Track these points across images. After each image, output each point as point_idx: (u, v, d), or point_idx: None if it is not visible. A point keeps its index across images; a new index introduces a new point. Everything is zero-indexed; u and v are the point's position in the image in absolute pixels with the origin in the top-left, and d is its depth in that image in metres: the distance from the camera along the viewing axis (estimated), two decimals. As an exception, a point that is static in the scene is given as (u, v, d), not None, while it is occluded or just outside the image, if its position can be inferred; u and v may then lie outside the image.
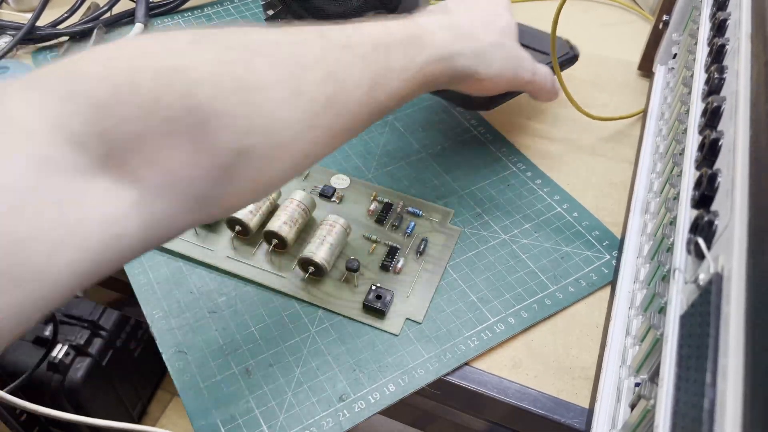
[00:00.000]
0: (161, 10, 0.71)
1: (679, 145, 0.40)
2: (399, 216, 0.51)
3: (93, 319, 1.10)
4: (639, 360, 0.35)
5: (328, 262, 0.46)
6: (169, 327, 0.45)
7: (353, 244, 0.49)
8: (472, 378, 0.43)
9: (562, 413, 0.41)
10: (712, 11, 0.41)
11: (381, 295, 0.45)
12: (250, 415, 0.41)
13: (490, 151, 0.57)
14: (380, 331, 0.44)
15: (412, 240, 0.49)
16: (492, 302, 0.46)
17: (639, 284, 0.42)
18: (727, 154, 0.29)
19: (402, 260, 0.48)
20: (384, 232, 0.50)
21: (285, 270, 0.47)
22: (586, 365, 0.43)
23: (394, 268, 0.47)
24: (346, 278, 0.47)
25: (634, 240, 0.46)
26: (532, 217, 0.52)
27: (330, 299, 0.46)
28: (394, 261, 0.48)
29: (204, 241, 0.49)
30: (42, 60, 0.65)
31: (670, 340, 0.28)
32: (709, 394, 0.21)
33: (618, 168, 0.57)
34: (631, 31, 0.71)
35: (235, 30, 0.31)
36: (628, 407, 0.34)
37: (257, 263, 0.48)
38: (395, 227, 0.50)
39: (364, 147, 0.57)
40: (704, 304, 0.24)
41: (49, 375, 1.04)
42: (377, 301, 0.45)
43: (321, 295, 0.46)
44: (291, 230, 0.47)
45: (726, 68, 0.35)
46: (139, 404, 1.23)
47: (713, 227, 0.27)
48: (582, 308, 0.47)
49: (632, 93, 0.64)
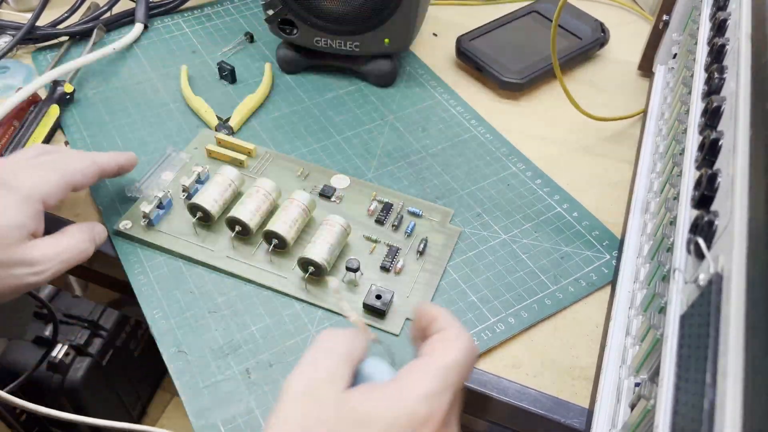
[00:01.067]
0: (161, 10, 0.71)
1: (679, 145, 0.40)
2: (399, 216, 0.51)
3: (93, 319, 1.10)
4: (639, 360, 0.35)
5: (327, 262, 0.46)
6: (169, 327, 0.45)
7: (353, 244, 0.49)
8: (472, 378, 0.43)
9: (562, 413, 0.41)
10: (712, 11, 0.41)
11: (381, 295, 0.45)
12: (250, 415, 0.41)
13: (490, 151, 0.57)
14: (381, 331, 0.44)
15: (412, 240, 0.49)
16: (492, 302, 0.46)
17: (639, 284, 0.42)
18: (727, 154, 0.29)
19: (402, 260, 0.48)
20: (384, 232, 0.50)
21: (285, 270, 0.47)
22: (586, 365, 0.43)
23: (395, 269, 0.47)
24: (346, 278, 0.47)
25: (634, 240, 0.46)
26: (532, 217, 0.52)
27: (330, 299, 0.46)
28: (395, 261, 0.48)
29: (204, 240, 0.49)
30: (42, 60, 0.65)
31: (670, 340, 0.28)
32: (709, 394, 0.21)
33: (618, 168, 0.57)
34: (631, 31, 0.71)
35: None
36: (628, 407, 0.34)
37: (257, 263, 0.48)
38: (395, 227, 0.50)
39: (364, 147, 0.57)
40: (704, 304, 0.24)
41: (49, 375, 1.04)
42: (377, 300, 0.45)
43: (321, 295, 0.46)
44: (291, 230, 0.47)
45: (726, 68, 0.35)
46: (139, 404, 1.22)
47: (713, 227, 0.27)
48: (582, 308, 0.47)
49: (632, 93, 0.64)
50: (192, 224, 0.49)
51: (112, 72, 0.64)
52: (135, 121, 0.59)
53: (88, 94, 0.62)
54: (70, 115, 0.60)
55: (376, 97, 0.63)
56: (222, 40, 0.68)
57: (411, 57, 0.68)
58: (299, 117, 0.60)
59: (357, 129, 0.59)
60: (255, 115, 0.60)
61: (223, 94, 0.62)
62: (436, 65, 0.67)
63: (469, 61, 0.65)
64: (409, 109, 0.62)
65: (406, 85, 0.64)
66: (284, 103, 0.62)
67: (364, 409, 0.30)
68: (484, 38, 0.66)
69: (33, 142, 0.55)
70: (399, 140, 0.58)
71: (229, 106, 0.61)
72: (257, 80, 0.64)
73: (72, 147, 0.57)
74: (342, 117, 0.60)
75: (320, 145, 0.58)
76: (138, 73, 0.64)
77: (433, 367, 0.31)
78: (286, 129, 0.59)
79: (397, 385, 0.31)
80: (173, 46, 0.68)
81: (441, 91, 0.63)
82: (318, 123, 0.60)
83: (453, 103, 0.62)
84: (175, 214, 0.50)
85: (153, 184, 0.52)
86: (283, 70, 0.65)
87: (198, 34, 0.69)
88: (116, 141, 0.57)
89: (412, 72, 0.66)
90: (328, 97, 0.63)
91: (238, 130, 0.59)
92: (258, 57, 0.67)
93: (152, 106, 0.61)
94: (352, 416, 0.29)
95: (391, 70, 0.63)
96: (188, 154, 0.55)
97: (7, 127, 0.56)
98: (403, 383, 0.31)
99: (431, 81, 0.65)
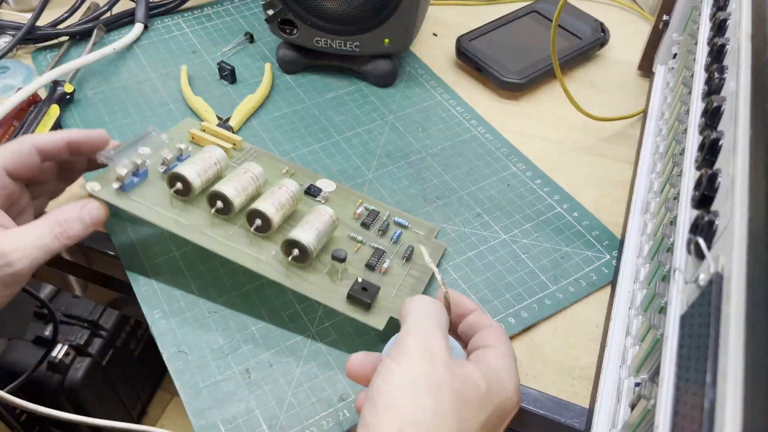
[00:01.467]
0: (161, 10, 0.71)
1: (679, 145, 0.40)
2: (386, 223, 0.49)
3: (93, 319, 1.10)
4: (639, 360, 0.35)
5: (314, 248, 0.43)
6: (169, 327, 0.45)
7: (338, 241, 0.47)
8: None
9: (562, 413, 0.41)
10: (712, 11, 0.41)
11: (367, 288, 0.43)
12: (250, 415, 0.41)
13: (490, 151, 0.57)
14: (381, 331, 0.44)
15: (398, 247, 0.48)
16: (492, 302, 0.46)
17: (639, 284, 0.42)
18: (727, 154, 0.29)
19: (388, 261, 0.46)
20: (370, 235, 0.48)
21: (264, 252, 0.44)
22: (586, 365, 0.43)
23: (380, 268, 0.45)
24: (332, 269, 0.44)
25: (634, 240, 0.46)
26: (532, 217, 0.52)
27: (313, 288, 0.43)
28: (380, 261, 0.46)
29: (179, 214, 0.45)
30: (42, 60, 0.65)
31: (670, 340, 0.28)
32: (709, 394, 0.21)
33: (618, 168, 0.57)
34: (631, 31, 0.71)
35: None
36: (628, 407, 0.34)
37: (234, 243, 0.44)
38: (382, 233, 0.48)
39: (364, 147, 0.57)
40: (704, 304, 0.24)
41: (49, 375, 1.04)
42: (363, 292, 0.43)
43: (303, 283, 0.44)
44: (277, 213, 0.44)
45: (726, 68, 0.35)
46: (139, 404, 1.23)
47: (713, 227, 0.27)
48: (582, 308, 0.47)
49: (632, 93, 0.64)
50: (169, 196, 0.46)
51: (112, 72, 0.64)
52: (135, 121, 0.59)
53: (88, 94, 0.62)
54: (70, 115, 0.60)
55: (376, 97, 0.63)
56: (222, 40, 0.68)
57: (411, 57, 0.68)
58: (299, 117, 0.60)
59: (357, 129, 0.59)
60: (255, 115, 0.61)
61: (223, 94, 0.62)
62: (436, 65, 0.67)
63: (469, 61, 0.65)
64: (409, 109, 0.62)
65: (406, 85, 0.64)
66: (284, 103, 0.62)
67: (475, 381, 0.32)
68: (484, 38, 0.66)
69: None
70: (399, 140, 0.58)
71: (229, 106, 0.61)
72: (257, 80, 0.64)
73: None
74: (342, 117, 0.60)
75: (320, 145, 0.58)
76: (138, 73, 0.64)
77: (511, 361, 0.35)
78: (286, 129, 0.59)
79: (499, 366, 0.34)
80: (173, 46, 0.68)
81: (441, 91, 0.63)
82: (318, 123, 0.60)
83: (453, 103, 0.62)
84: (150, 185, 0.47)
85: (129, 154, 0.47)
86: (283, 70, 0.65)
87: (198, 34, 0.69)
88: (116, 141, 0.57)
89: (412, 72, 0.66)
90: (328, 97, 0.63)
91: (238, 129, 0.59)
92: (258, 57, 0.67)
93: (152, 106, 0.61)
94: (469, 381, 0.32)
95: (391, 70, 0.63)
96: (169, 137, 0.52)
97: (7, 127, 0.56)
98: (502, 371, 0.34)
99: (431, 81, 0.65)
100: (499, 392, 0.33)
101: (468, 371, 0.33)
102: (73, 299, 1.12)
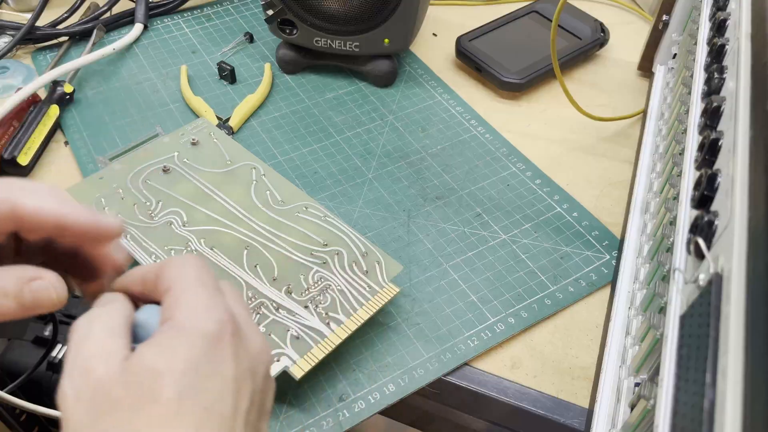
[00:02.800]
0: (161, 10, 0.71)
1: (679, 145, 0.40)
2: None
3: (93, 319, 1.10)
4: (639, 360, 0.35)
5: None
6: (169, 327, 0.45)
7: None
8: (472, 378, 0.43)
9: (562, 413, 0.41)
10: (712, 11, 0.41)
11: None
12: (250, 415, 0.41)
13: (490, 151, 0.57)
14: (381, 331, 0.44)
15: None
16: (492, 302, 0.46)
17: (639, 284, 0.42)
18: (727, 154, 0.29)
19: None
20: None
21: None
22: (586, 365, 0.43)
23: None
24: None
25: (634, 240, 0.46)
26: (532, 217, 0.52)
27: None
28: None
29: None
30: (42, 60, 0.65)
31: (670, 340, 0.28)
32: (709, 394, 0.21)
33: (618, 168, 0.57)
34: (631, 31, 0.71)
35: None
36: (628, 407, 0.34)
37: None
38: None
39: (364, 147, 0.57)
40: (704, 305, 0.24)
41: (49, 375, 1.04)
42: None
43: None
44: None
45: (726, 68, 0.35)
46: (139, 404, 1.22)
47: (713, 227, 0.27)
48: (582, 308, 0.47)
49: (632, 93, 0.64)
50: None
51: (112, 72, 0.64)
52: (135, 121, 0.59)
53: (88, 94, 0.62)
54: (70, 115, 0.60)
55: (376, 97, 0.63)
56: (222, 40, 0.68)
57: (411, 57, 0.68)
58: (299, 117, 0.60)
59: (357, 129, 0.59)
60: (255, 115, 0.60)
61: (223, 94, 0.62)
62: (436, 65, 0.67)
63: (468, 61, 0.65)
64: (409, 109, 0.62)
65: (406, 85, 0.64)
66: (284, 103, 0.62)
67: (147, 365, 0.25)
68: (483, 38, 0.66)
69: (33, 142, 0.55)
70: (399, 140, 0.58)
71: (229, 106, 0.61)
72: (257, 80, 0.64)
73: (72, 147, 0.57)
74: (342, 117, 0.60)
75: (320, 145, 0.58)
76: (138, 73, 0.64)
77: (187, 285, 0.26)
78: (286, 129, 0.59)
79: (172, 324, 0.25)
80: (173, 46, 0.68)
81: (441, 91, 0.63)
82: (318, 123, 0.60)
83: (453, 103, 0.62)
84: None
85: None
86: (283, 70, 0.65)
87: (198, 34, 0.69)
88: (116, 141, 0.57)
89: (412, 72, 0.66)
90: (328, 97, 0.63)
91: (237, 130, 0.59)
92: (258, 57, 0.67)
93: (152, 106, 0.61)
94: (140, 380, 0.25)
95: (391, 70, 0.63)
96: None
97: (7, 127, 0.56)
98: (174, 321, 0.26)
99: (431, 81, 0.65)
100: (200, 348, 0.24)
101: (141, 362, 0.25)
102: (73, 299, 1.12)
